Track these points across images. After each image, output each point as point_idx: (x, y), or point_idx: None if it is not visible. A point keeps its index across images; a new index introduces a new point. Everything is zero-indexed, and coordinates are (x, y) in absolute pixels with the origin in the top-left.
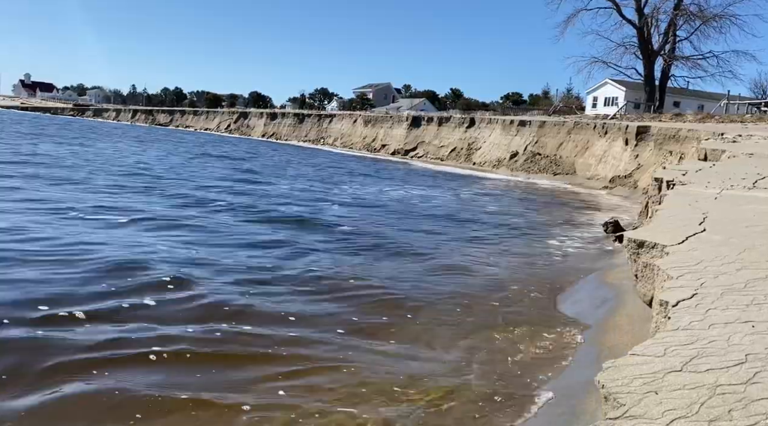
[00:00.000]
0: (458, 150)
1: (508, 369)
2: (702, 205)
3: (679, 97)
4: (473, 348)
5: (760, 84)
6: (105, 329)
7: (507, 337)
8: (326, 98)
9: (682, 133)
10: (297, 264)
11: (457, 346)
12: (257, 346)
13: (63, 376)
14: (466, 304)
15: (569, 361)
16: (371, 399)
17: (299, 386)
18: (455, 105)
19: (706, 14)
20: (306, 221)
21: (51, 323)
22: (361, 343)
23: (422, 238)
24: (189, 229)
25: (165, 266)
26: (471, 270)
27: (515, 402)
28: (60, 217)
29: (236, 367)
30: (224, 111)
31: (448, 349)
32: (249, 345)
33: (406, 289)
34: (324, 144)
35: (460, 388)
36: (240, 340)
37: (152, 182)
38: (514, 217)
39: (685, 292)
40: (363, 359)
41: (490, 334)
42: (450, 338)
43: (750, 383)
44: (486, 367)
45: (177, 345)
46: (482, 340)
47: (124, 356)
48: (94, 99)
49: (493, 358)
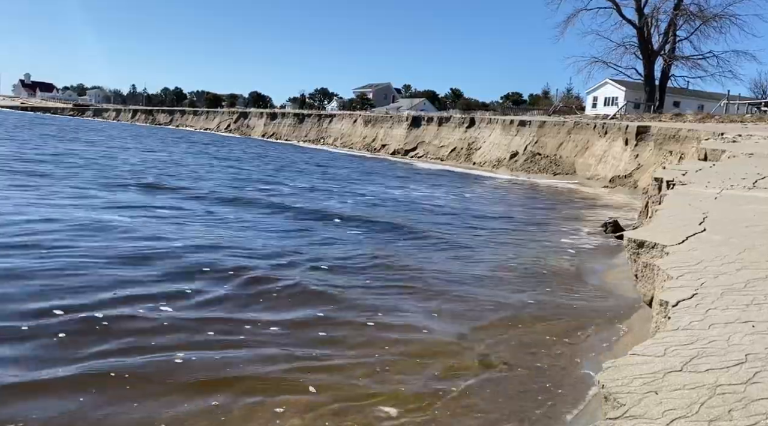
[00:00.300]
0: (458, 150)
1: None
2: (702, 205)
3: (679, 97)
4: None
5: (760, 84)
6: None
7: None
8: (326, 98)
9: (682, 133)
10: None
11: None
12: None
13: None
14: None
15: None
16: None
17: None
18: (455, 105)
19: (706, 14)
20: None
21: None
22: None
23: (451, 229)
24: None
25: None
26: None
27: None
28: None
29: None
30: (224, 111)
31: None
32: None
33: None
34: (324, 144)
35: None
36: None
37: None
38: (522, 213)
39: (685, 292)
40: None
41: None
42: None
43: (750, 383)
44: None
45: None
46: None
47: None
48: (94, 99)
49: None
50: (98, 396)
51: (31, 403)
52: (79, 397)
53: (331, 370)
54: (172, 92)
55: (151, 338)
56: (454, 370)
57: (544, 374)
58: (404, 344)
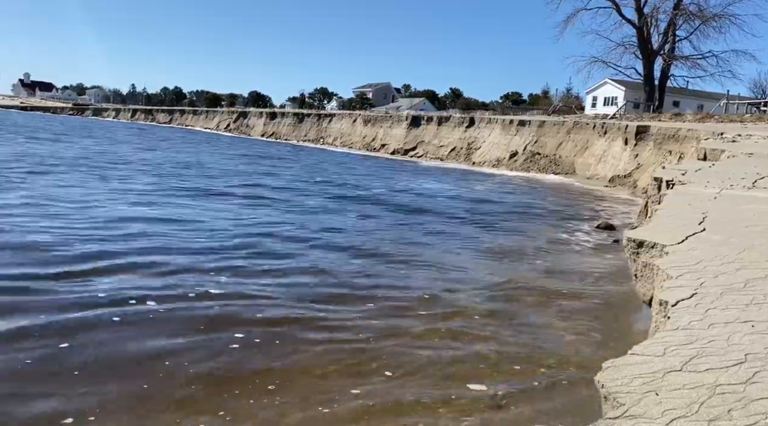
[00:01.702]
0: (458, 149)
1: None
2: (701, 204)
3: (679, 96)
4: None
5: (760, 84)
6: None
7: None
8: (326, 98)
9: (682, 132)
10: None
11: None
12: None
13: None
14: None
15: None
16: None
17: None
18: (455, 104)
19: (706, 14)
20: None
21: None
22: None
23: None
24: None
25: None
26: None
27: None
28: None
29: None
30: (224, 110)
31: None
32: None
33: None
34: (324, 143)
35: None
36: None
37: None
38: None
39: (685, 291)
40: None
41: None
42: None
43: (749, 383)
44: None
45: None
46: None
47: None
48: (94, 98)
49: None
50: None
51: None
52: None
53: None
54: (172, 92)
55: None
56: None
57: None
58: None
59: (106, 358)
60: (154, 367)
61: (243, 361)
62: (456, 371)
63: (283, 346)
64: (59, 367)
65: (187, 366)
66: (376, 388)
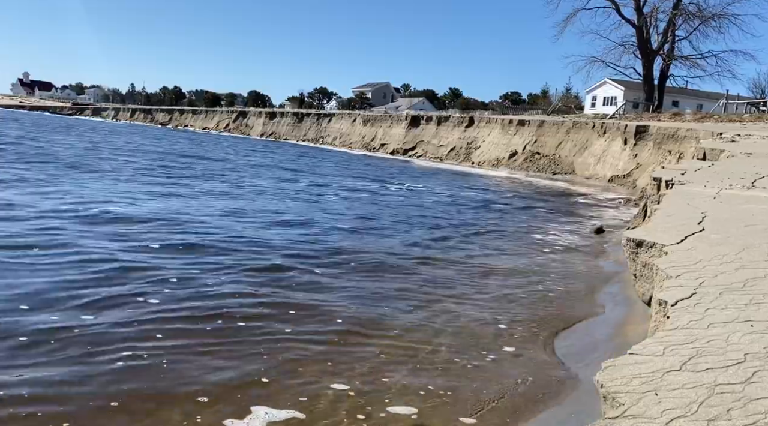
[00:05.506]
0: (457, 149)
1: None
2: (701, 204)
3: (678, 96)
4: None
5: (759, 83)
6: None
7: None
8: (325, 97)
9: (681, 132)
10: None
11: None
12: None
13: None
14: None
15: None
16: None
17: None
18: (454, 104)
19: (705, 14)
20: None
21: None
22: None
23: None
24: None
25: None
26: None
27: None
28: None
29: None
30: (223, 110)
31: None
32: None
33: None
34: (323, 143)
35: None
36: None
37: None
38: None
39: (684, 291)
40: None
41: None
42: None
43: (749, 382)
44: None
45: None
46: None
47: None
48: (93, 98)
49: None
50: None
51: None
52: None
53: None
54: (171, 91)
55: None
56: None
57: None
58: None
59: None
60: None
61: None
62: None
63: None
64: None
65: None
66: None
